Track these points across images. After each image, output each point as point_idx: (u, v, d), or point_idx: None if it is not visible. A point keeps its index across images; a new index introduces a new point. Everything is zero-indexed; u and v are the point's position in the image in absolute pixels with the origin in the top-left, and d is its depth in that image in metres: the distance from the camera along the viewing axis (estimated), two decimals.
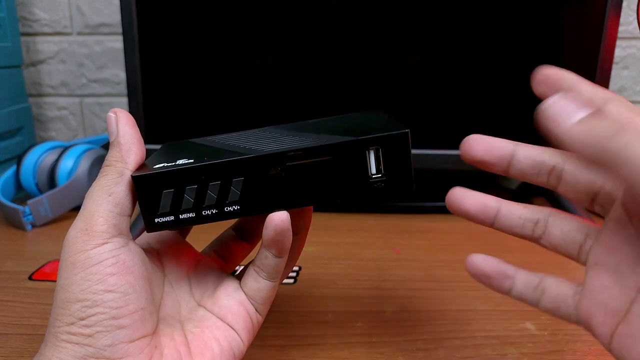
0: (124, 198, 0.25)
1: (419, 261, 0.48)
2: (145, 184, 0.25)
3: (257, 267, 0.28)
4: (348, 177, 0.25)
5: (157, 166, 0.26)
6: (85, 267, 0.23)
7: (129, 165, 0.26)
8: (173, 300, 0.28)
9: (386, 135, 0.25)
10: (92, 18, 0.77)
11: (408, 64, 0.58)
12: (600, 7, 0.54)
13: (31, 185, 0.60)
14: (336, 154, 0.25)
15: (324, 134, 0.27)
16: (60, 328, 0.23)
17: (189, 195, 0.25)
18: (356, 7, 0.56)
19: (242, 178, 0.25)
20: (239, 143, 0.29)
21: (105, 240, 0.24)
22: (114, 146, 0.26)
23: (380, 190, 0.26)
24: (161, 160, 0.27)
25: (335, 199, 0.26)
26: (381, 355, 0.33)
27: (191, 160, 0.26)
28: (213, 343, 0.27)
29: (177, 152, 0.29)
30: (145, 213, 0.26)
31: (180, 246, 0.31)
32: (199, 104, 0.60)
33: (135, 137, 0.27)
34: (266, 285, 0.28)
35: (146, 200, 0.25)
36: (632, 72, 0.76)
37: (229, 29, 0.57)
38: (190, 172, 0.25)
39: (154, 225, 0.26)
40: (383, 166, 0.26)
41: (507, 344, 0.35)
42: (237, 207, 0.26)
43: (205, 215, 0.26)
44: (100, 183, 0.25)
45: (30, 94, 0.81)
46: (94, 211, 0.24)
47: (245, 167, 0.25)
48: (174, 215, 0.26)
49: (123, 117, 0.27)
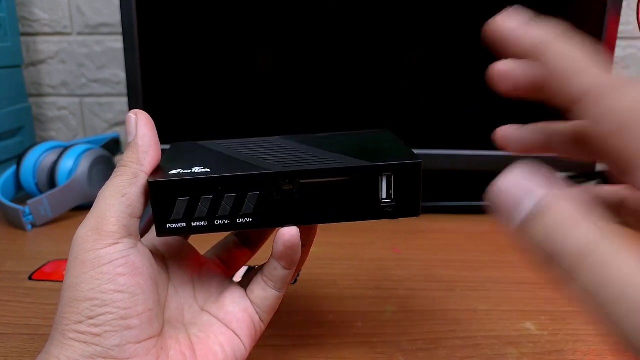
0: (137, 200, 0.25)
1: (419, 261, 0.48)
2: (161, 189, 0.25)
3: (265, 277, 0.28)
4: (359, 199, 0.26)
5: (173, 172, 0.26)
6: (96, 267, 0.23)
7: (145, 167, 0.26)
8: (177, 303, 0.29)
9: (401, 164, 0.26)
10: (92, 18, 0.77)
11: (409, 64, 0.58)
12: (600, 7, 0.54)
13: (31, 185, 0.60)
14: (351, 176, 0.26)
15: (336, 154, 0.28)
16: (68, 326, 0.23)
17: (203, 204, 0.26)
18: (356, 7, 0.56)
19: (257, 192, 0.26)
20: (252, 154, 0.29)
21: (116, 240, 0.24)
22: (131, 147, 0.27)
23: (388, 214, 0.27)
24: (175, 165, 0.27)
25: (345, 219, 0.27)
26: (381, 355, 0.33)
27: (207, 169, 0.26)
28: (217, 348, 0.27)
29: (190, 157, 0.29)
30: (158, 218, 0.26)
31: (185, 250, 0.31)
32: (199, 104, 0.60)
33: (153, 140, 0.27)
34: (273, 295, 0.28)
35: (160, 206, 0.26)
36: (632, 72, 0.76)
37: (229, 29, 0.57)
38: (207, 182, 0.25)
39: (165, 230, 0.26)
40: (393, 192, 0.26)
41: (507, 344, 0.35)
42: (249, 220, 0.26)
43: (217, 225, 0.26)
44: (114, 183, 0.25)
45: (30, 94, 0.81)
46: (106, 211, 0.24)
47: (262, 182, 0.26)
48: (186, 223, 0.26)
49: (143, 119, 0.27)
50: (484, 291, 0.41)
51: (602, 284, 0.15)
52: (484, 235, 0.54)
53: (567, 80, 0.19)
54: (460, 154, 0.59)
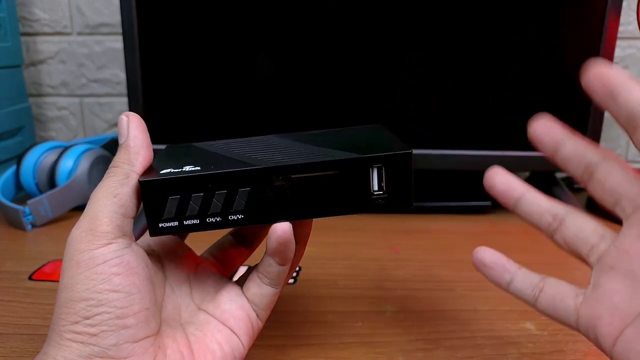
0: (129, 200, 0.25)
1: (419, 261, 0.48)
2: (151, 189, 0.25)
3: (260, 274, 0.28)
4: (350, 192, 0.26)
5: (163, 171, 0.26)
6: (90, 267, 0.23)
7: (136, 167, 0.26)
8: (174, 302, 0.29)
9: (390, 155, 0.26)
10: (92, 18, 0.78)
11: (409, 65, 0.58)
12: (600, 7, 0.54)
13: (31, 185, 0.60)
14: (341, 169, 0.26)
15: (328, 148, 0.28)
16: (64, 327, 0.23)
17: (194, 202, 0.26)
18: (357, 8, 0.56)
19: (248, 188, 0.26)
20: (245, 152, 0.29)
21: (110, 240, 0.24)
22: (123, 148, 0.27)
23: (381, 206, 0.27)
24: (167, 165, 0.27)
25: (337, 212, 0.27)
26: (381, 355, 0.33)
27: (198, 167, 0.26)
28: (215, 346, 0.27)
29: (182, 157, 0.29)
30: (150, 217, 0.26)
31: (180, 249, 0.31)
32: (198, 104, 0.60)
33: (144, 141, 0.27)
34: (269, 292, 0.28)
35: (151, 205, 0.26)
36: (632, 72, 0.76)
37: (229, 29, 0.57)
38: (197, 180, 0.25)
39: (158, 229, 0.26)
40: (385, 183, 0.26)
41: (507, 344, 0.35)
42: (241, 216, 0.26)
43: (209, 222, 0.26)
44: (106, 184, 0.25)
45: (30, 94, 0.81)
46: (98, 211, 0.25)
47: (252, 178, 0.26)
48: (178, 221, 0.26)
49: (134, 121, 0.27)
50: (484, 291, 0.41)
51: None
52: (484, 235, 0.54)
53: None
54: (460, 153, 0.59)
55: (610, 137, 0.78)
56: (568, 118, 0.58)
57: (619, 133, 0.78)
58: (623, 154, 0.79)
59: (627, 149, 0.79)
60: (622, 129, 0.23)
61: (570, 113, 0.58)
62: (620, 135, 0.78)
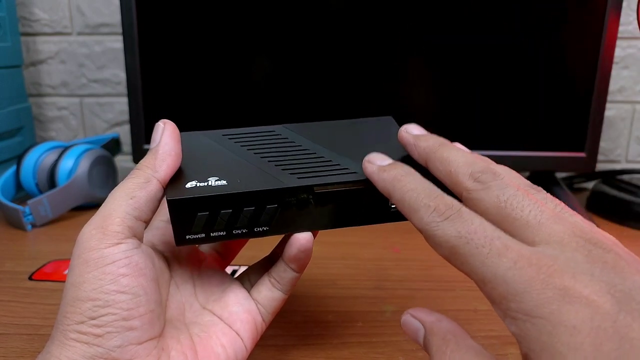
0: (144, 204, 0.25)
1: (419, 261, 0.48)
2: (180, 207, 0.26)
3: (273, 279, 0.29)
4: (370, 205, 0.28)
5: (189, 185, 0.26)
6: (99, 266, 0.23)
7: (159, 174, 0.26)
8: (178, 302, 0.29)
9: None
10: (92, 18, 0.78)
11: (409, 66, 0.58)
12: (600, 7, 0.55)
13: (31, 185, 0.60)
14: (367, 185, 0.27)
15: (348, 158, 0.29)
16: (69, 326, 0.23)
17: (222, 217, 0.26)
18: (353, 7, 0.56)
19: (275, 205, 0.27)
20: (264, 155, 0.30)
21: (120, 240, 0.24)
22: (151, 153, 0.27)
23: (396, 217, 0.29)
24: (190, 174, 0.27)
25: (356, 223, 0.28)
26: (381, 355, 0.33)
27: (224, 181, 0.27)
28: (219, 349, 0.27)
29: (202, 162, 0.29)
30: (177, 230, 0.26)
31: (184, 247, 0.31)
32: (198, 104, 0.60)
33: (174, 150, 0.27)
34: (279, 296, 0.29)
35: (180, 221, 0.26)
36: (632, 72, 0.76)
37: (229, 29, 0.57)
38: (226, 199, 0.26)
39: (185, 241, 0.27)
40: None
41: (507, 344, 0.35)
42: (266, 228, 0.27)
43: (235, 234, 0.27)
44: (125, 185, 0.26)
45: (30, 94, 0.81)
46: (112, 210, 0.25)
47: (281, 196, 0.27)
48: (205, 234, 0.26)
49: (169, 129, 0.28)
50: None
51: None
52: None
53: None
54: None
55: (610, 137, 0.78)
56: (568, 118, 0.59)
57: (619, 133, 0.78)
58: (623, 154, 0.79)
59: (627, 149, 0.79)
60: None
61: (570, 113, 0.58)
62: (621, 135, 0.78)
